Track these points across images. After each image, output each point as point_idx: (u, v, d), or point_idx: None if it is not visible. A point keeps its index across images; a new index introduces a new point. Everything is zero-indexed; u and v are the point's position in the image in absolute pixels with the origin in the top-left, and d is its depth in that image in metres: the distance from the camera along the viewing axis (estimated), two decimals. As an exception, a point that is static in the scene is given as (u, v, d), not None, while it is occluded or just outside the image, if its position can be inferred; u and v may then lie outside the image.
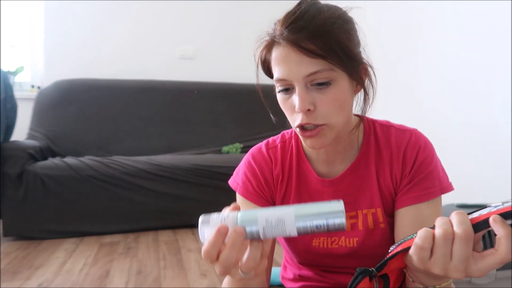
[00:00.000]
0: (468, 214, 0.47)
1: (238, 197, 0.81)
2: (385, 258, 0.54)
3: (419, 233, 0.48)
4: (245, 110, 3.27)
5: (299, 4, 0.67)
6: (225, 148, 3.06)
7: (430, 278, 0.54)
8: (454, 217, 0.47)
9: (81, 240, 2.32)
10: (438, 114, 2.15)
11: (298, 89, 0.64)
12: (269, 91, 0.74)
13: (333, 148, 0.75)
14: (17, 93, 2.57)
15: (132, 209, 2.43)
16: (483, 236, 1.23)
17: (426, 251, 0.47)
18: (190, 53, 3.50)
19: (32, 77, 3.23)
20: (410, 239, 0.52)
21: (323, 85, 0.64)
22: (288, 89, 0.67)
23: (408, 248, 0.50)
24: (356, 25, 0.70)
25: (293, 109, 0.67)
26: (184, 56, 3.49)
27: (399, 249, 0.53)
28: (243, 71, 3.54)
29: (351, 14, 0.70)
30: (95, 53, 3.27)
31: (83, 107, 2.96)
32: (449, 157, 0.75)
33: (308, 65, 0.63)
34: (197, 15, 3.49)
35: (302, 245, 0.78)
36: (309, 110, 0.65)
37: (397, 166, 0.74)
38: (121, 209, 2.43)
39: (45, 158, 2.51)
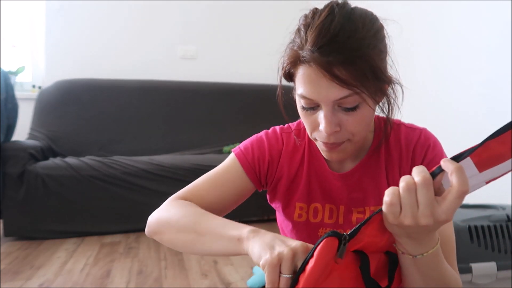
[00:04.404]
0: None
1: (232, 159, 0.79)
2: (359, 224, 0.53)
3: (386, 191, 0.51)
4: (246, 110, 3.27)
5: (331, 12, 0.61)
6: (226, 148, 3.06)
7: (415, 245, 0.55)
8: (414, 170, 0.51)
9: (82, 240, 2.32)
10: (437, 112, 2.15)
11: (325, 111, 0.63)
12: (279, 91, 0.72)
13: None
14: (18, 93, 2.57)
15: (133, 209, 2.43)
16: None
17: (396, 206, 0.50)
18: (191, 53, 3.50)
19: (33, 77, 3.24)
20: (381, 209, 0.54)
21: (351, 109, 0.63)
22: (313, 108, 0.65)
23: (379, 211, 0.53)
24: (386, 35, 0.66)
25: (316, 125, 0.66)
26: (185, 56, 3.49)
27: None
28: (244, 71, 3.56)
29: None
30: (96, 53, 3.28)
31: (84, 107, 2.96)
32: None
33: (338, 91, 0.60)
34: (198, 15, 3.49)
35: (306, 234, 0.78)
36: (335, 131, 0.64)
37: (406, 164, 0.74)
38: (122, 209, 2.43)
39: (46, 158, 2.52)
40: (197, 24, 3.50)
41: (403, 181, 0.50)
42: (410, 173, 0.73)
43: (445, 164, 0.49)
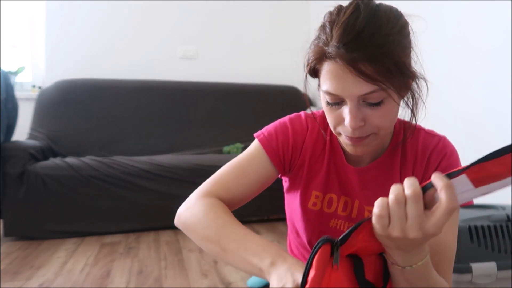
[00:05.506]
0: None
1: (256, 146, 0.79)
2: (349, 229, 0.54)
3: (375, 203, 0.52)
4: (246, 109, 3.27)
5: (356, 8, 0.62)
6: (226, 148, 3.06)
7: (404, 256, 0.55)
8: (405, 182, 0.51)
9: (82, 240, 2.32)
10: (437, 112, 2.15)
11: (350, 106, 0.63)
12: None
13: None
14: (18, 93, 2.57)
15: (133, 209, 2.43)
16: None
17: (384, 218, 0.51)
18: (191, 53, 3.50)
19: (33, 77, 3.24)
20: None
21: (375, 104, 0.64)
22: (338, 103, 0.66)
23: (369, 218, 0.53)
24: (411, 31, 0.67)
25: (341, 120, 0.67)
26: (185, 56, 3.49)
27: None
28: (244, 71, 3.56)
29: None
30: (96, 53, 3.28)
31: (84, 107, 2.96)
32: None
33: (363, 86, 0.61)
34: (198, 15, 3.49)
35: (318, 223, 0.78)
36: (359, 126, 0.65)
37: (420, 168, 0.74)
38: (122, 209, 2.43)
39: (46, 158, 2.52)
40: (197, 24, 3.50)
41: (393, 193, 0.50)
42: (421, 178, 0.74)
43: (435, 180, 0.49)
